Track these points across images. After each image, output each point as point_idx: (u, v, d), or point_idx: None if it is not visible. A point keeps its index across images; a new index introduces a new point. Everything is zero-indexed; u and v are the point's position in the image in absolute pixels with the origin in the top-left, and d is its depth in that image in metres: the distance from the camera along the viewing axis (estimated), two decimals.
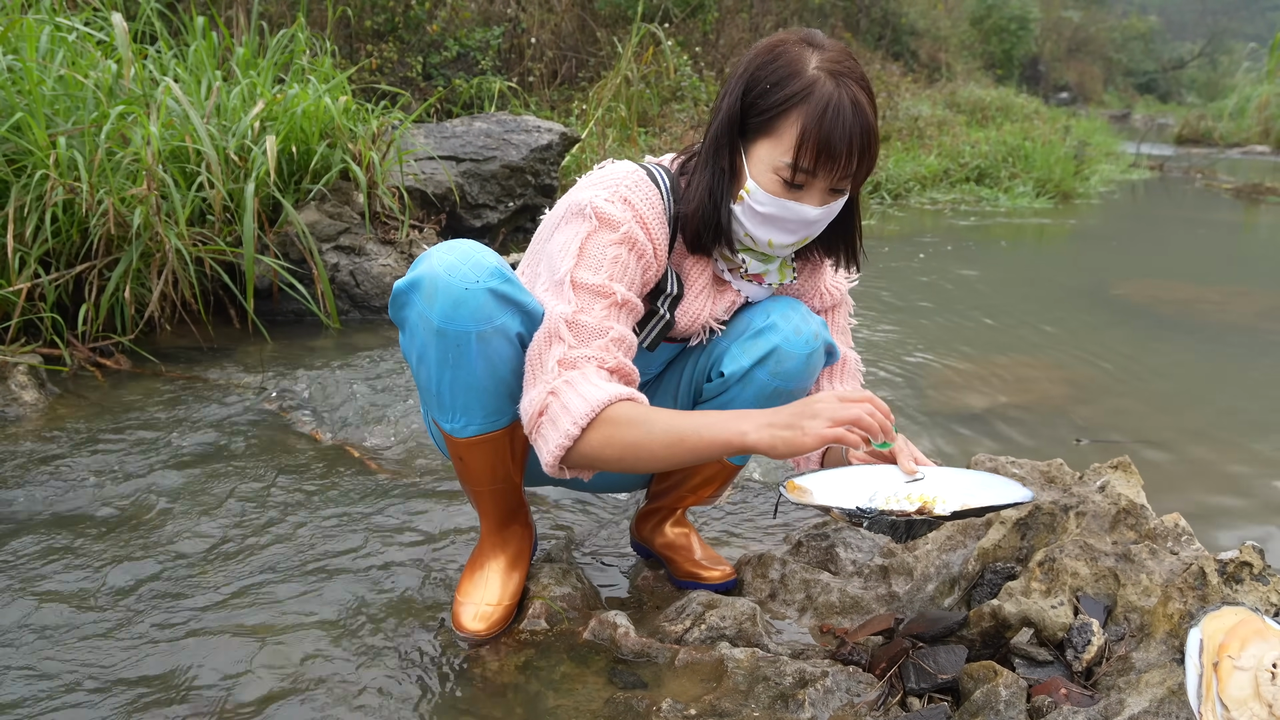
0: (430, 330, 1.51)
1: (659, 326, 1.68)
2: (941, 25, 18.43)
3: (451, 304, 1.48)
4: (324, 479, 2.42)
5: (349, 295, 3.95)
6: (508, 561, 1.83)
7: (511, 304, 1.52)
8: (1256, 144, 17.08)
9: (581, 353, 1.49)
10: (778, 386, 1.70)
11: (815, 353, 1.70)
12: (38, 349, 3.05)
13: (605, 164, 1.66)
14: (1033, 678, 1.51)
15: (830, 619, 1.83)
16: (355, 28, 7.70)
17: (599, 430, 1.43)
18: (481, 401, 1.58)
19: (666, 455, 1.44)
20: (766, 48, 1.53)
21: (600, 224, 1.54)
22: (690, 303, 1.70)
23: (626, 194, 1.57)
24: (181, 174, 3.50)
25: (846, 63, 1.50)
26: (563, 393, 1.46)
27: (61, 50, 3.50)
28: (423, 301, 1.50)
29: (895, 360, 3.79)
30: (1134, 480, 1.85)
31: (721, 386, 1.73)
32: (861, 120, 1.48)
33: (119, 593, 1.86)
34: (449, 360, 1.53)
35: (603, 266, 1.53)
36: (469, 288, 1.48)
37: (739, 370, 1.69)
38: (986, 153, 10.10)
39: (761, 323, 1.70)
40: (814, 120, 1.46)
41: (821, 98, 1.46)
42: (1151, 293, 5.40)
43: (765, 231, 1.59)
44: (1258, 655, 1.33)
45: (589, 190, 1.59)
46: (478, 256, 1.51)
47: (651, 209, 1.59)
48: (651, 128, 8.09)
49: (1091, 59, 26.98)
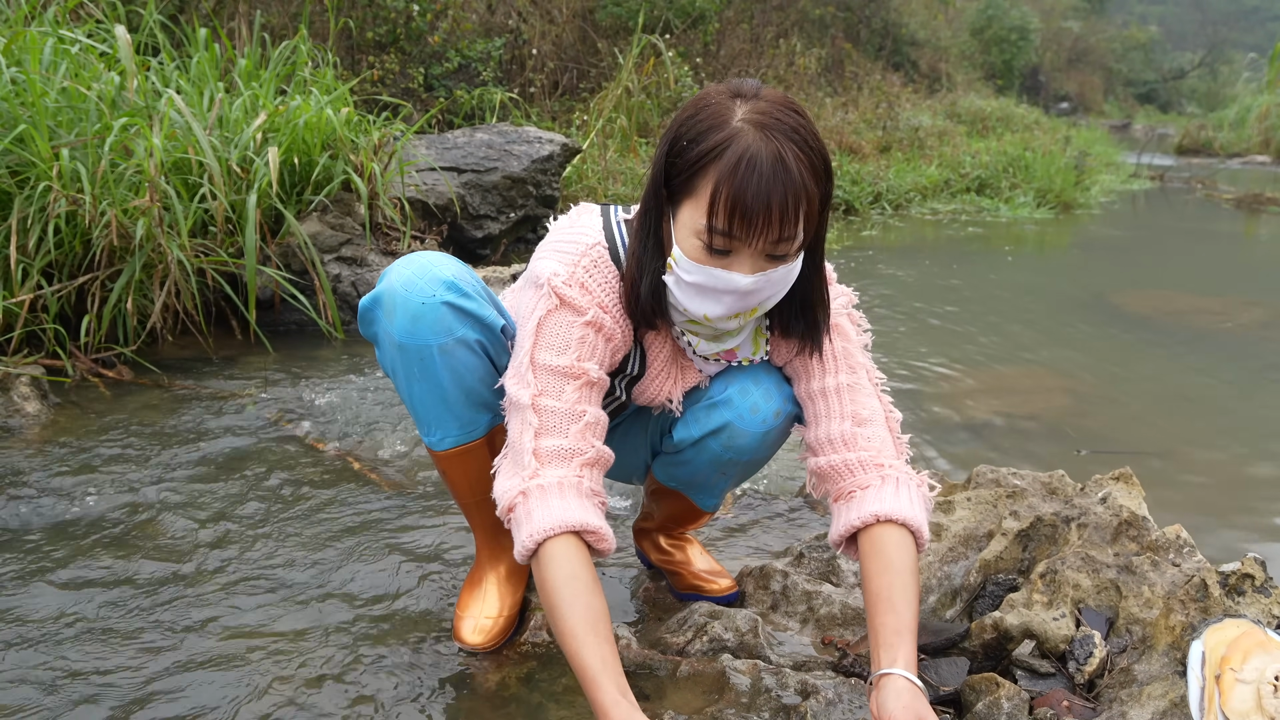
0: (394, 345, 1.53)
1: (613, 406, 1.65)
2: (942, 36, 18.47)
3: (410, 319, 1.50)
4: (325, 490, 2.42)
5: (350, 306, 3.96)
6: (505, 573, 1.83)
7: (469, 316, 1.53)
8: (1257, 154, 17.08)
9: (558, 444, 1.41)
10: (731, 458, 1.66)
11: (771, 431, 1.62)
12: (40, 360, 3.05)
13: (574, 213, 1.58)
14: (1035, 690, 1.51)
15: (832, 631, 1.83)
16: (357, 39, 7.72)
17: (543, 553, 1.37)
18: (454, 412, 1.59)
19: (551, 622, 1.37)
20: (692, 101, 1.38)
21: (561, 305, 1.45)
22: (649, 382, 1.63)
23: (584, 279, 1.47)
24: (184, 185, 3.51)
25: (778, 114, 1.31)
26: (533, 496, 1.39)
27: (65, 62, 3.51)
28: (384, 318, 1.52)
29: (897, 371, 3.80)
30: (1135, 492, 1.85)
31: (676, 447, 1.70)
32: (784, 176, 1.28)
33: (119, 602, 1.86)
34: (415, 374, 1.55)
35: (570, 347, 1.44)
36: (425, 302, 1.49)
37: (689, 438, 1.66)
38: (987, 163, 10.11)
39: (718, 395, 1.62)
40: (726, 176, 1.29)
41: (736, 151, 1.28)
42: (1153, 303, 5.40)
43: (698, 304, 1.42)
44: (1260, 668, 1.33)
45: (549, 260, 1.49)
46: (434, 270, 1.51)
47: (610, 294, 1.49)
48: (652, 138, 8.10)
49: (1092, 69, 27.01)
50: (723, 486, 1.79)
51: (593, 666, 1.27)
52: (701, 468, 1.70)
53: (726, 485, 1.79)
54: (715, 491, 1.80)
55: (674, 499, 1.85)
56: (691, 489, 1.79)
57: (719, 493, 1.82)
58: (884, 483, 1.51)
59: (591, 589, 1.35)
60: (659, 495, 1.88)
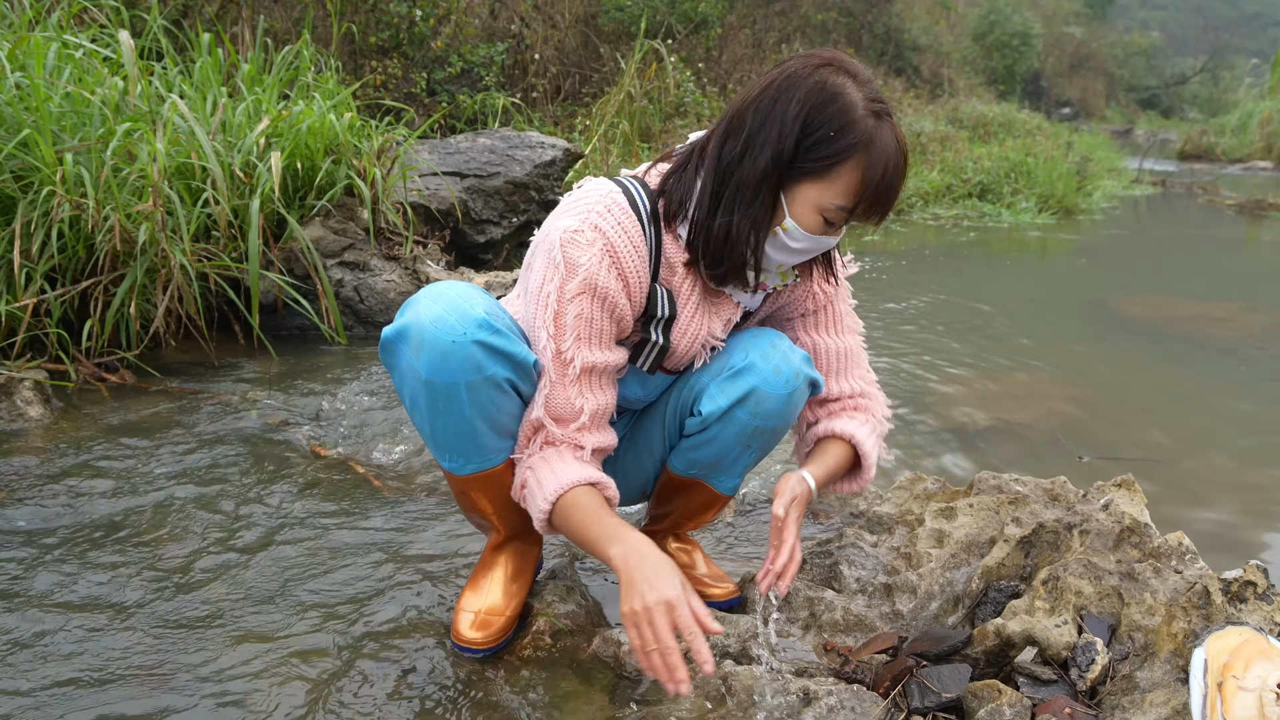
0: (419, 380, 1.49)
1: (654, 353, 1.66)
2: (944, 41, 18.50)
3: (439, 356, 1.46)
4: (328, 494, 2.42)
5: (353, 311, 3.96)
6: (511, 573, 1.83)
7: (500, 354, 1.50)
8: (1259, 160, 17.10)
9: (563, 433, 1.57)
10: (759, 425, 1.68)
11: (796, 392, 1.67)
12: (43, 364, 3.05)
13: (584, 183, 1.63)
14: (1037, 697, 1.51)
15: (834, 637, 1.83)
16: (360, 44, 7.74)
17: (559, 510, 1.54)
18: (477, 444, 1.58)
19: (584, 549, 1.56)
20: (816, 87, 1.47)
21: (566, 271, 1.51)
22: (686, 323, 1.66)
23: (597, 220, 1.52)
24: (187, 190, 3.52)
25: (879, 94, 1.50)
26: (538, 469, 1.57)
27: (68, 67, 3.52)
28: (410, 352, 1.48)
29: (898, 377, 3.80)
30: (1137, 498, 1.85)
31: (702, 424, 1.71)
32: (904, 169, 1.51)
33: (121, 606, 1.86)
34: (439, 408, 1.52)
35: (565, 329, 1.53)
36: (456, 340, 1.46)
37: (717, 410, 1.67)
38: (989, 168, 10.12)
39: (740, 362, 1.66)
40: (876, 173, 1.46)
41: (880, 150, 1.46)
42: (1155, 309, 5.40)
43: (784, 259, 1.60)
44: (1262, 675, 1.32)
45: (560, 218, 1.55)
46: (465, 305, 1.48)
47: (624, 234, 1.54)
48: (654, 143, 8.11)
49: (1094, 74, 27.06)
50: (745, 463, 1.80)
51: (610, 531, 1.48)
52: (728, 442, 1.71)
53: (749, 462, 1.80)
54: (737, 470, 1.81)
55: (691, 490, 1.84)
56: (714, 471, 1.79)
57: (740, 471, 1.82)
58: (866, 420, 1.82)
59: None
60: (675, 491, 1.87)
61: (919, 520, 2.04)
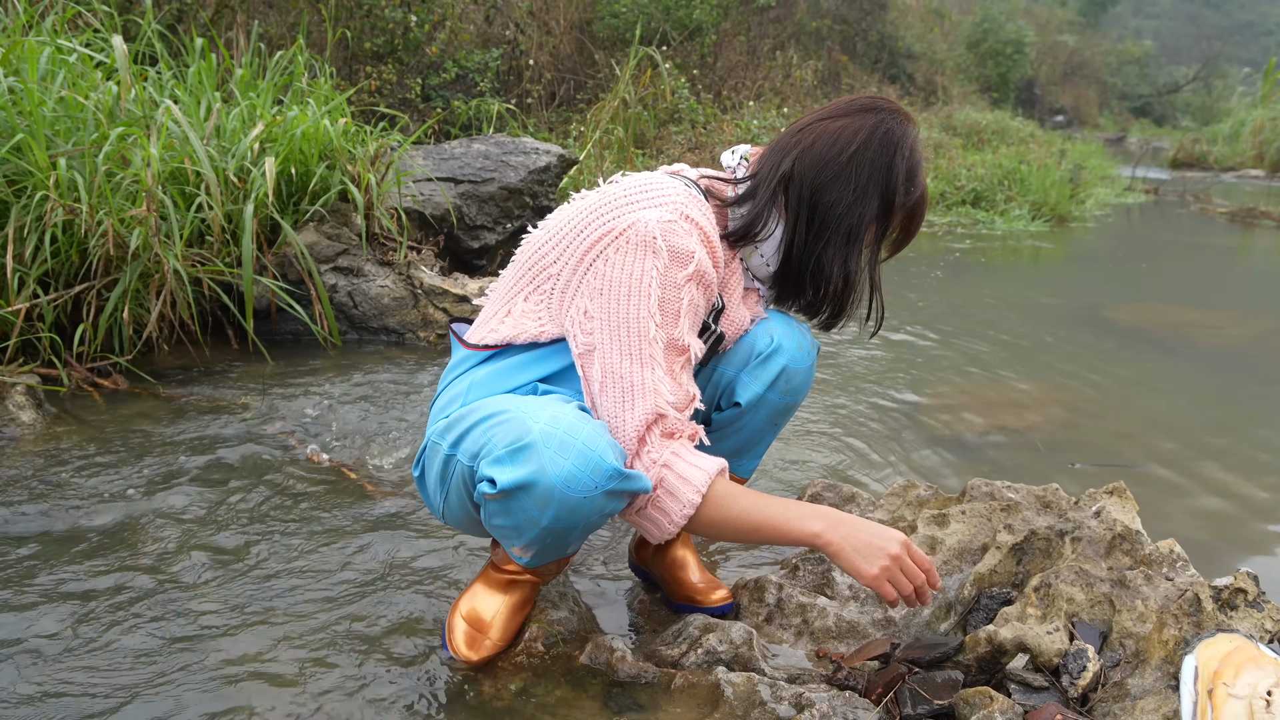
0: (536, 526, 1.44)
1: (711, 342, 1.70)
2: (938, 49, 18.56)
3: (568, 511, 1.41)
4: (321, 501, 2.42)
5: (347, 316, 3.96)
6: (517, 603, 1.75)
7: (624, 495, 1.47)
8: (1251, 168, 17.16)
9: (680, 418, 1.53)
10: (788, 403, 1.78)
11: (814, 364, 1.82)
12: (35, 369, 3.05)
13: (618, 177, 1.64)
14: (1028, 704, 1.52)
15: (827, 643, 1.83)
16: (354, 49, 7.74)
17: (712, 501, 1.50)
18: (566, 551, 1.58)
19: (746, 538, 1.53)
20: (904, 139, 1.64)
21: (671, 259, 1.49)
22: (733, 311, 1.73)
23: (685, 210, 1.55)
24: (181, 195, 3.51)
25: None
26: (674, 464, 1.50)
27: (62, 72, 3.52)
28: (534, 507, 1.41)
29: (890, 384, 3.80)
30: (1129, 506, 1.86)
31: (736, 415, 1.76)
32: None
33: (111, 613, 1.85)
34: (548, 542, 1.49)
35: (679, 315, 1.51)
36: (587, 496, 1.40)
37: (754, 398, 1.74)
38: (982, 176, 10.13)
39: (766, 346, 1.74)
40: (919, 218, 1.72)
41: (926, 195, 1.71)
42: (1148, 316, 5.42)
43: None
44: (1252, 683, 1.33)
45: (638, 210, 1.53)
46: (596, 457, 1.40)
47: (711, 225, 1.61)
48: (649, 150, 8.13)
49: (1087, 83, 27.14)
50: (769, 441, 1.89)
51: (793, 511, 1.51)
52: (758, 424, 1.79)
53: (771, 440, 1.90)
54: (760, 450, 1.90)
55: None
56: (741, 454, 1.86)
57: (762, 452, 1.92)
58: None
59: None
60: None
61: (911, 527, 2.04)
